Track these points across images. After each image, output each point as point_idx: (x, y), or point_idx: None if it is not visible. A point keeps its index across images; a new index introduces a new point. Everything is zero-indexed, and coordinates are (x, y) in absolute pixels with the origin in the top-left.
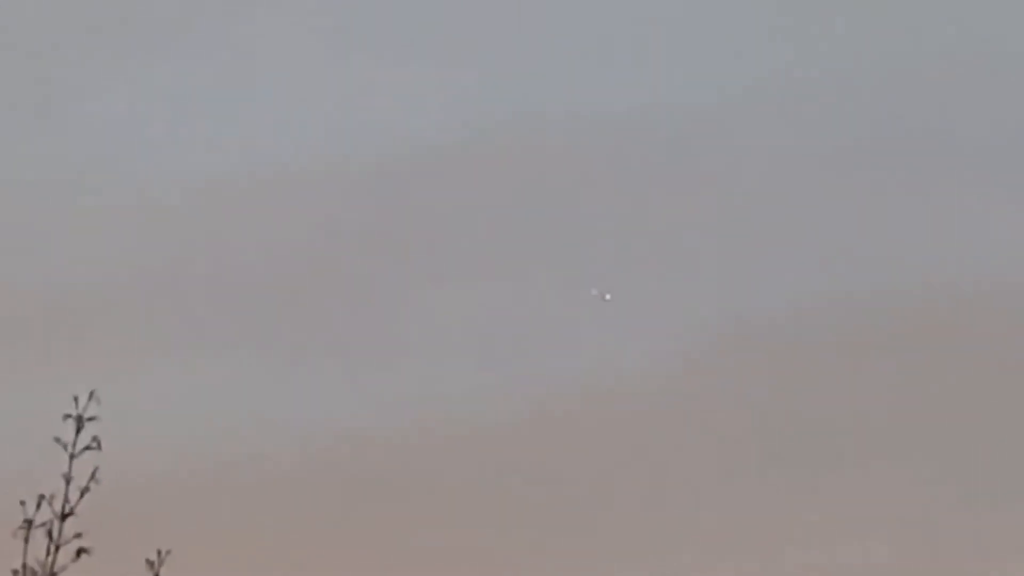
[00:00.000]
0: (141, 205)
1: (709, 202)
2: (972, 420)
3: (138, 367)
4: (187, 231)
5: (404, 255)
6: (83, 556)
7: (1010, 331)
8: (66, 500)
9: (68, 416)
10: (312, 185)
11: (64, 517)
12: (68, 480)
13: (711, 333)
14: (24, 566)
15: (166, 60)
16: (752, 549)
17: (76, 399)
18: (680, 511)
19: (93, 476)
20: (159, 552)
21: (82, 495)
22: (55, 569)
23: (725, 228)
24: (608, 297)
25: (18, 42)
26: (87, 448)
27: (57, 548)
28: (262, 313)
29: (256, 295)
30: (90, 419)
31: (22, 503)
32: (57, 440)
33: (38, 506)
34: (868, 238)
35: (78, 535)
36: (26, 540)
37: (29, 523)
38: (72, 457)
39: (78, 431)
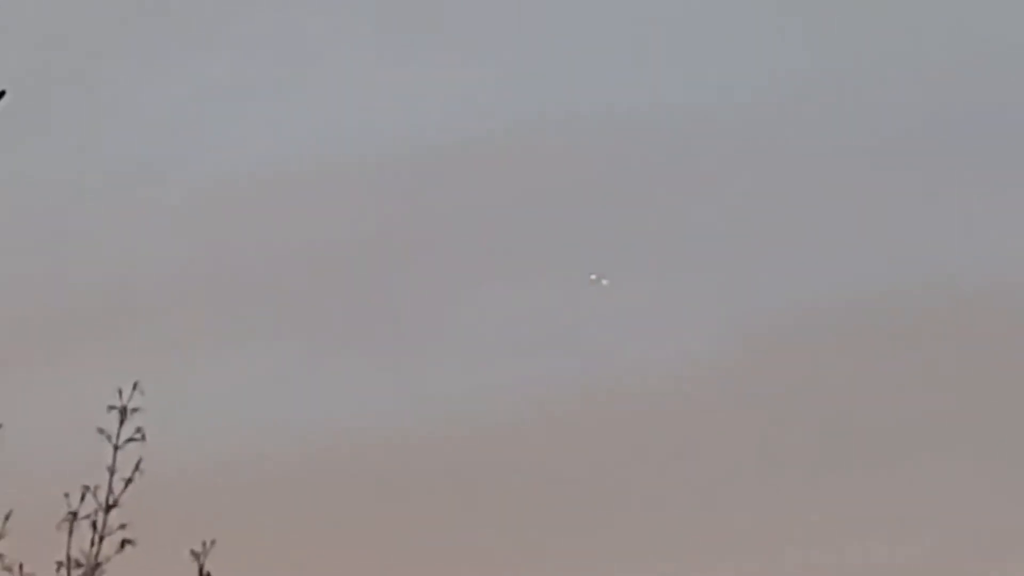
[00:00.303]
0: (183, 202)
1: (725, 200)
2: (998, 421)
3: (181, 359)
4: (231, 226)
5: (418, 255)
6: (127, 547)
7: None
8: (110, 491)
9: (112, 408)
10: (317, 185)
11: (108, 508)
12: (112, 471)
13: (722, 333)
14: (69, 557)
15: (199, 53)
16: (761, 549)
17: (120, 391)
18: (691, 511)
19: (137, 467)
20: (203, 543)
21: (126, 486)
22: (99, 560)
23: (743, 227)
24: (604, 282)
25: (52, 43)
26: (131, 439)
27: (101, 539)
28: (306, 307)
29: (299, 289)
30: (134, 411)
31: (66, 495)
32: (101, 432)
33: (82, 498)
34: (889, 236)
35: (122, 526)
36: (70, 531)
37: (74, 515)
38: (116, 448)
39: (122, 423)
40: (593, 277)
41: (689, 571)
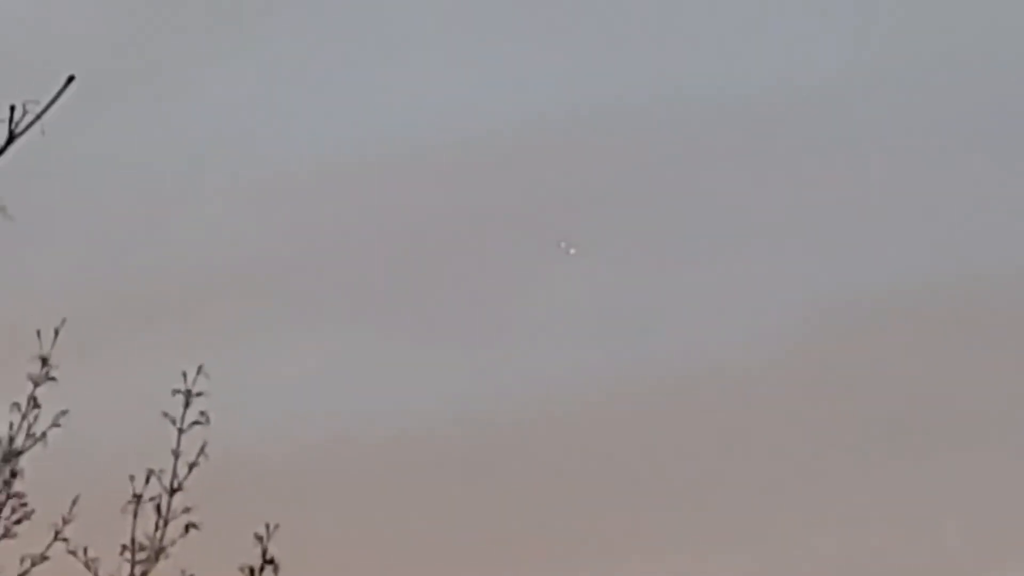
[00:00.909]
0: (252, 185)
1: (784, 187)
2: None
3: (245, 344)
4: (298, 211)
5: (471, 243)
6: (191, 531)
7: None
8: (175, 475)
9: (177, 391)
10: (376, 175)
11: (173, 492)
12: (177, 455)
13: (780, 320)
14: (133, 541)
15: (288, 36)
16: (778, 538)
17: (184, 374)
18: (726, 500)
19: (202, 451)
20: (268, 526)
21: (190, 470)
22: (164, 543)
23: (801, 214)
24: (572, 251)
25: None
26: (195, 423)
27: (166, 523)
28: (371, 293)
29: (365, 275)
30: (198, 394)
31: (131, 478)
32: (166, 415)
33: (147, 481)
34: (945, 226)
35: (187, 510)
36: (135, 515)
37: (138, 498)
38: (181, 432)
39: (186, 406)
40: (562, 244)
41: (726, 556)
